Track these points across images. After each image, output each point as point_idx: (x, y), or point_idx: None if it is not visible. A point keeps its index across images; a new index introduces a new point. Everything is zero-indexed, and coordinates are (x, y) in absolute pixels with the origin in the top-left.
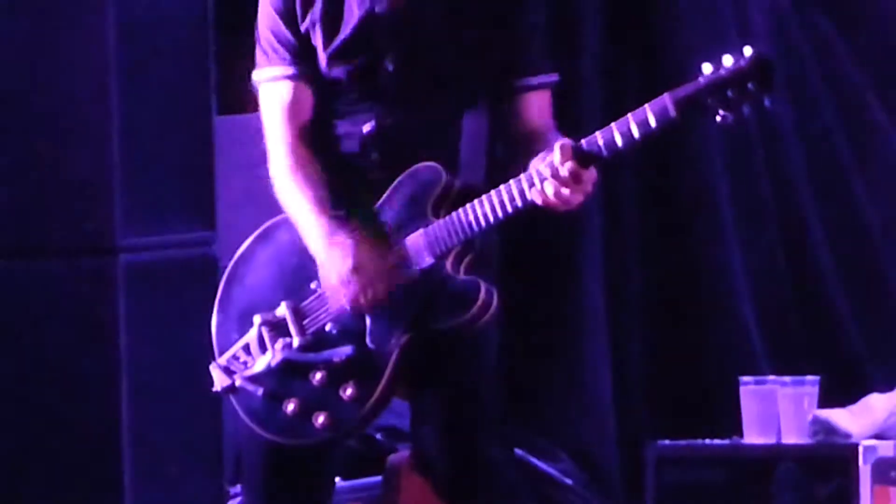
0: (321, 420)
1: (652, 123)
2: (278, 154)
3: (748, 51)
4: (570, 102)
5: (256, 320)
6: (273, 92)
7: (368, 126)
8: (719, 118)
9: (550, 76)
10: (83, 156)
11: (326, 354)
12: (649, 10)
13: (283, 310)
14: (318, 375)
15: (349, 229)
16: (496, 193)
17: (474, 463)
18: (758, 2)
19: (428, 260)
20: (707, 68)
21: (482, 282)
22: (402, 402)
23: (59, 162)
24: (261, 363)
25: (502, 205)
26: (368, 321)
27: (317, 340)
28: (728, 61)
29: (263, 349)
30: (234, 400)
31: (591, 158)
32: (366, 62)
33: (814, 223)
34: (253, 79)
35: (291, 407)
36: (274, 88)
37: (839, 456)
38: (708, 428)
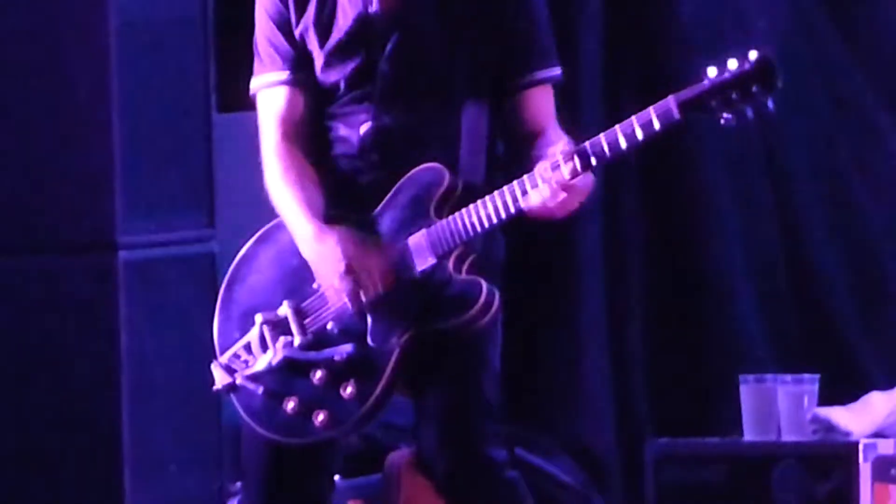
0: (321, 419)
1: (656, 126)
2: (272, 159)
3: (753, 54)
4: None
5: (258, 319)
6: (268, 98)
7: (366, 127)
8: (723, 120)
9: (551, 71)
10: (84, 153)
11: (327, 353)
12: (649, 11)
13: (285, 309)
14: (319, 374)
15: (339, 232)
16: (499, 195)
17: (474, 461)
18: (757, 3)
19: (430, 260)
20: (712, 71)
21: (484, 282)
22: (404, 399)
23: (60, 159)
24: (262, 362)
25: (505, 206)
26: (370, 320)
27: (318, 339)
28: (733, 64)
29: (265, 348)
30: (235, 398)
31: (593, 162)
32: (361, 63)
33: (814, 222)
34: (251, 87)
35: (292, 405)
36: (269, 94)
37: (839, 454)
38: (708, 426)
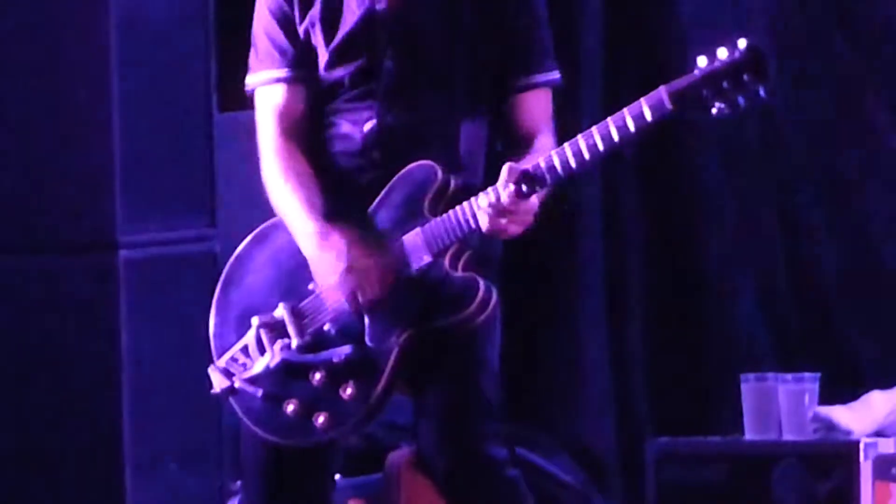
0: (321, 420)
1: (648, 117)
2: (270, 156)
3: (742, 43)
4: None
5: (255, 322)
6: (266, 95)
7: (369, 125)
8: (715, 110)
9: (549, 75)
10: (84, 152)
11: (325, 354)
12: (649, 11)
13: (282, 311)
14: (318, 375)
15: (341, 230)
16: (493, 190)
17: (474, 460)
18: (759, 2)
19: (426, 258)
20: (702, 61)
21: (480, 279)
22: (403, 398)
23: (60, 158)
24: (260, 364)
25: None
26: (367, 320)
27: (315, 341)
28: (723, 53)
29: (262, 350)
30: (234, 401)
31: (536, 187)
32: (366, 61)
33: (814, 221)
34: (247, 83)
35: (291, 408)
36: (267, 92)
37: (840, 453)
38: (708, 425)
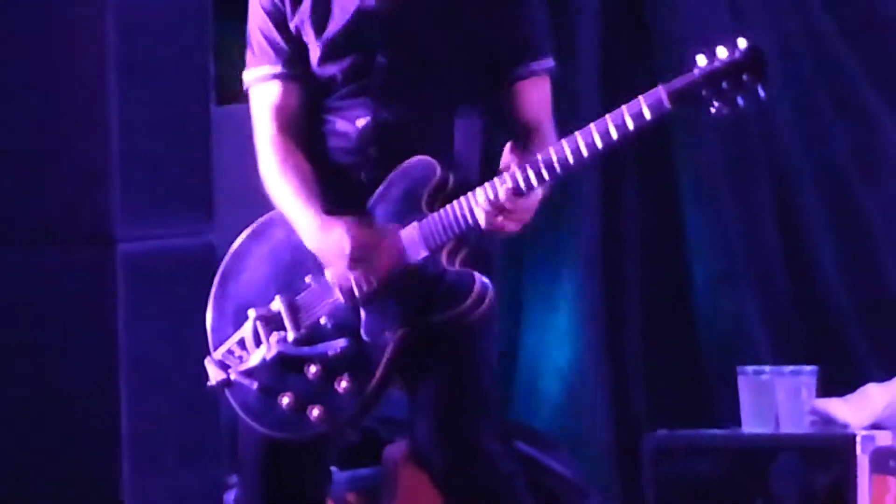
0: (316, 413)
1: (647, 116)
2: (267, 152)
3: (742, 42)
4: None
5: (251, 314)
6: (262, 91)
7: (363, 121)
8: (714, 110)
9: (546, 62)
10: (81, 146)
11: (321, 348)
12: (647, 5)
13: (278, 304)
14: (313, 369)
15: (343, 221)
16: (490, 186)
17: (471, 455)
18: None
19: (422, 253)
20: (702, 60)
21: (477, 275)
22: (400, 393)
23: (57, 152)
24: (256, 357)
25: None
26: (363, 314)
27: (311, 334)
28: (722, 53)
29: (258, 343)
30: (230, 394)
31: (534, 182)
32: (358, 57)
33: (812, 216)
34: (244, 80)
35: (286, 401)
36: (262, 88)
37: (837, 446)
38: (706, 418)
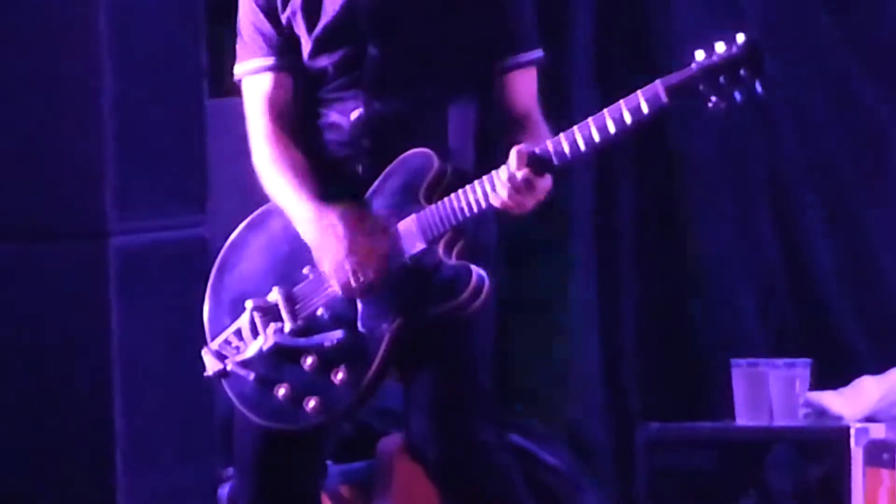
0: (312, 405)
1: (644, 110)
2: (260, 144)
3: (740, 37)
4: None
5: (248, 305)
6: (254, 84)
7: (356, 113)
8: (711, 104)
9: (533, 53)
10: (75, 139)
11: (318, 339)
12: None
13: (275, 295)
14: (310, 360)
15: (337, 211)
16: (488, 180)
17: (466, 447)
18: None
19: (420, 245)
20: (700, 55)
21: (474, 267)
22: (395, 385)
23: (51, 146)
24: (252, 348)
25: (485, 196)
26: (360, 306)
27: (308, 325)
28: (720, 48)
29: (255, 334)
30: (226, 385)
31: (542, 166)
32: (350, 49)
33: (807, 207)
34: (235, 72)
35: (283, 392)
36: (254, 81)
37: (831, 438)
38: (699, 410)
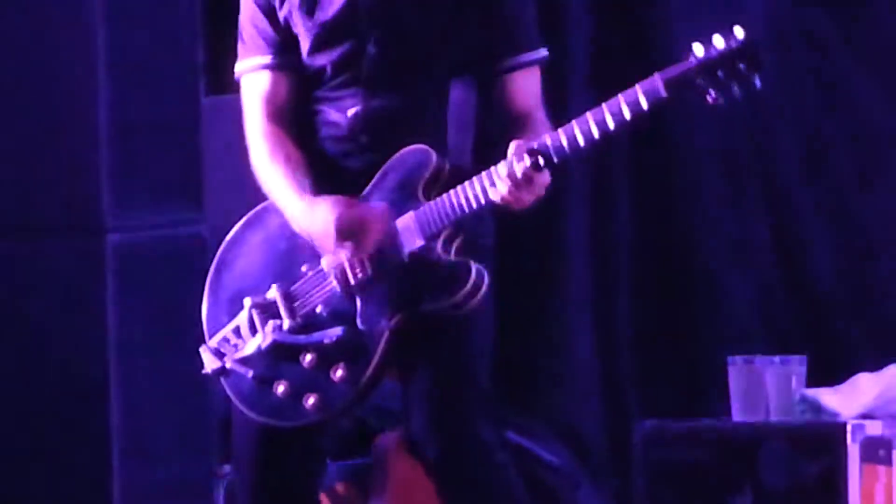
0: (311, 402)
1: (643, 104)
2: (258, 140)
3: (739, 32)
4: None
5: (247, 303)
6: (252, 82)
7: (354, 110)
8: (709, 98)
9: (535, 53)
10: (72, 135)
11: (317, 336)
12: None
13: (274, 292)
14: (309, 357)
15: (327, 200)
16: (487, 176)
17: (464, 444)
18: None
19: (418, 242)
20: (698, 49)
21: (473, 264)
22: (393, 383)
23: (48, 142)
24: (251, 345)
25: (483, 191)
26: (359, 302)
27: (307, 323)
28: (719, 42)
29: (254, 331)
30: (225, 382)
31: (541, 161)
32: (348, 46)
33: (803, 203)
34: (235, 70)
35: (282, 389)
36: (253, 78)
37: (827, 435)
38: (696, 407)
